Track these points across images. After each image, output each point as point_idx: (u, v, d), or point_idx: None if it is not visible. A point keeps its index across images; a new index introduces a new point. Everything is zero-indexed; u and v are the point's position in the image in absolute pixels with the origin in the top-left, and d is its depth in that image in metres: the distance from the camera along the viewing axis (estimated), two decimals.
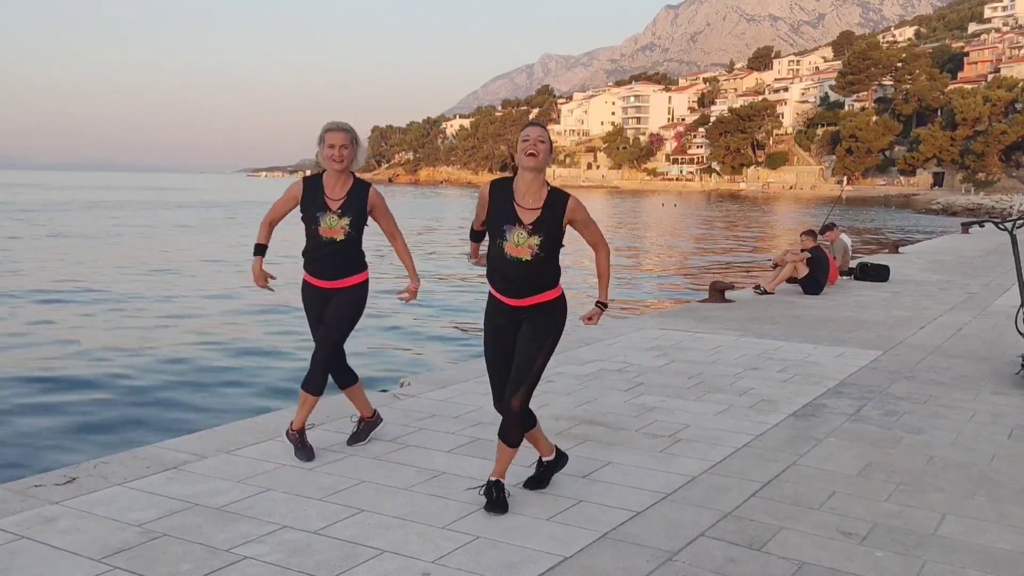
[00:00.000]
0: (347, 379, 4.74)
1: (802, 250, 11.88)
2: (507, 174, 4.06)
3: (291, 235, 5.17)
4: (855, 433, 5.19)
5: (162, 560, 3.31)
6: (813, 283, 11.79)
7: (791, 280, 11.90)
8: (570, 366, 6.94)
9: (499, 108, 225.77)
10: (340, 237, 4.41)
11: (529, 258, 3.75)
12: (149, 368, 9.54)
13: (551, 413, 5.51)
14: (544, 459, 4.16)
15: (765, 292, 11.61)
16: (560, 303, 3.92)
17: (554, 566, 3.31)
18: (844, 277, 13.36)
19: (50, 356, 10.20)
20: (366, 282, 4.62)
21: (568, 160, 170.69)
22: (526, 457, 4.62)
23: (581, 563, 3.35)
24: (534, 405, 5.66)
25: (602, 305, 3.97)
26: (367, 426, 4.84)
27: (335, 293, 4.52)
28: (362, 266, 4.59)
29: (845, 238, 14.08)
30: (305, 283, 4.57)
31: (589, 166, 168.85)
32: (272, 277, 4.56)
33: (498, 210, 3.81)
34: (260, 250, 4.58)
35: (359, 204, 4.46)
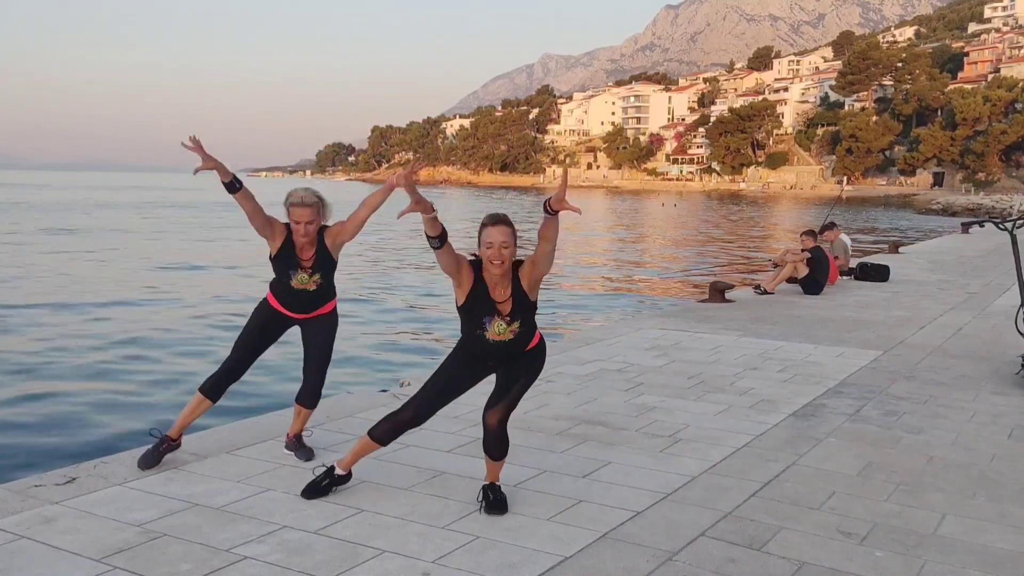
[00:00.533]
0: (313, 400, 4.67)
1: (802, 250, 11.89)
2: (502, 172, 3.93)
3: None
4: (855, 433, 5.19)
5: (162, 560, 3.31)
6: (813, 283, 11.79)
7: (791, 280, 11.90)
8: (570, 366, 6.94)
9: (499, 108, 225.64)
10: (312, 288, 4.47)
11: (513, 338, 3.76)
12: (149, 368, 9.54)
13: (551, 413, 5.51)
14: (337, 472, 4.04)
15: (765, 292, 11.61)
16: (542, 345, 3.93)
17: (554, 566, 3.32)
18: (844, 277, 13.36)
19: (50, 356, 10.20)
20: (336, 309, 4.67)
21: (568, 160, 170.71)
22: (524, 457, 4.63)
23: (581, 563, 3.35)
24: (534, 404, 5.68)
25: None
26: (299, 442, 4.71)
27: (306, 321, 4.58)
28: (333, 295, 4.61)
29: (845, 237, 14.08)
30: (268, 305, 4.56)
31: (589, 166, 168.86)
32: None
33: (475, 296, 3.71)
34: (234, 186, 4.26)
35: (327, 258, 4.48)
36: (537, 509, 3.89)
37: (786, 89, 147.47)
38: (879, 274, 13.43)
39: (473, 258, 3.72)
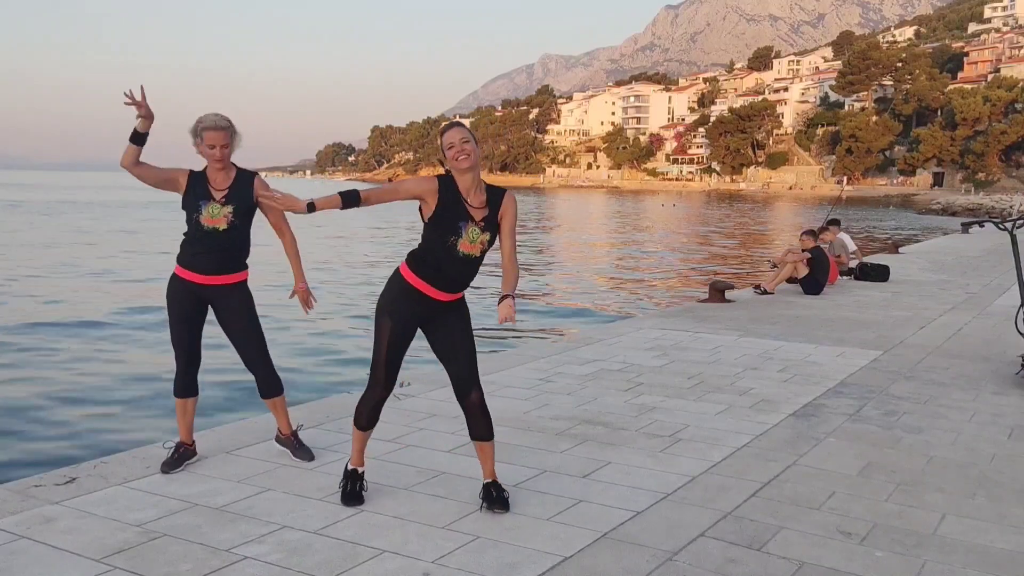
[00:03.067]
0: (274, 387, 4.52)
1: (802, 250, 11.89)
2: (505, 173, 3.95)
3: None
4: (855, 433, 5.19)
5: (162, 560, 3.31)
6: (813, 283, 11.79)
7: (791, 280, 11.90)
8: (570, 366, 6.94)
9: (499, 108, 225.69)
10: (223, 227, 4.17)
11: (478, 254, 3.75)
12: (149, 368, 9.54)
13: (551, 413, 5.51)
14: (360, 470, 4.02)
15: (765, 292, 11.61)
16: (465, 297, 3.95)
17: (554, 566, 3.31)
18: (844, 277, 13.36)
19: (50, 356, 10.20)
20: (246, 281, 4.38)
21: (568, 160, 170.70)
22: (524, 457, 4.62)
23: (581, 563, 3.35)
24: (534, 404, 5.68)
25: (509, 298, 3.66)
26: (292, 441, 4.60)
27: (215, 292, 4.28)
28: (245, 261, 4.35)
29: (844, 235, 14.06)
30: (176, 277, 4.27)
31: (589, 166, 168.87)
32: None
33: (447, 203, 3.71)
34: (139, 138, 4.13)
35: (245, 194, 4.22)
36: (537, 509, 3.88)
37: (786, 89, 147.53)
38: (879, 274, 13.42)
39: (444, 175, 3.76)
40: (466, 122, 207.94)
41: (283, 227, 4.40)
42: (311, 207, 3.58)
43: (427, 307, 3.81)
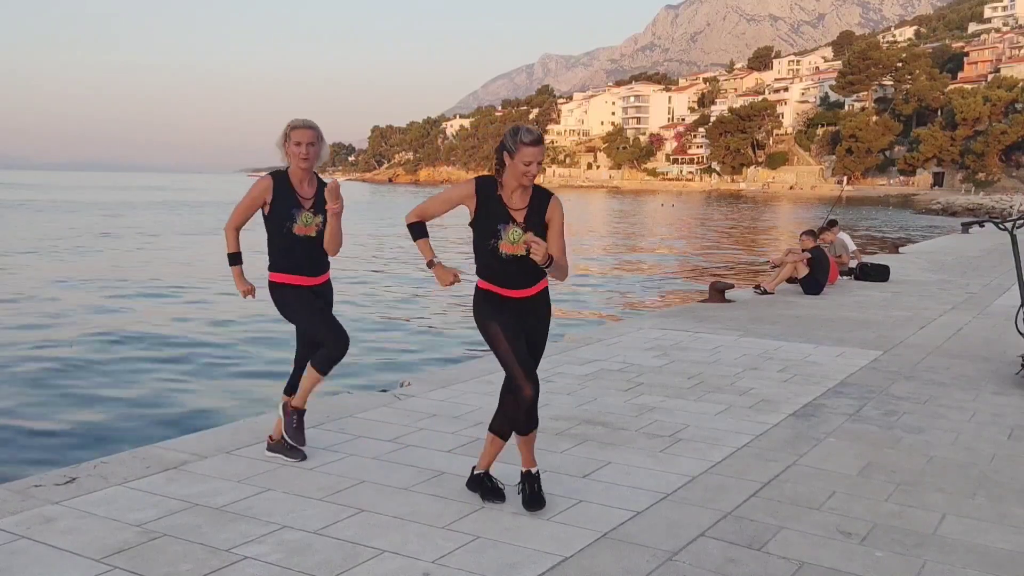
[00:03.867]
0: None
1: (802, 250, 11.89)
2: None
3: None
4: (855, 433, 5.19)
5: (162, 560, 3.31)
6: (813, 283, 11.79)
7: (791, 280, 11.90)
8: (570, 366, 6.94)
9: (499, 108, 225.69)
10: (314, 234, 4.36)
11: (524, 253, 3.74)
12: (149, 368, 9.54)
13: (551, 413, 5.51)
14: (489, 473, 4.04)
15: (765, 292, 11.61)
16: (548, 291, 3.96)
17: (554, 566, 3.31)
18: (844, 277, 13.36)
19: (50, 355, 10.20)
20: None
21: (568, 160, 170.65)
22: (520, 456, 4.62)
23: (581, 563, 3.35)
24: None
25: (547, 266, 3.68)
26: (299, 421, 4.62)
27: (321, 289, 4.48)
28: (329, 264, 4.58)
29: (844, 236, 14.06)
30: (281, 285, 4.40)
31: (589, 166, 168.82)
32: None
33: (488, 206, 3.76)
34: (237, 259, 4.47)
35: (325, 202, 4.36)
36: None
37: (786, 89, 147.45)
38: (879, 274, 13.42)
39: (483, 177, 3.81)
40: (466, 122, 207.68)
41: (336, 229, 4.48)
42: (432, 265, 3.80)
43: (510, 304, 3.85)
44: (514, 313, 3.84)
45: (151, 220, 41.70)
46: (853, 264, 13.74)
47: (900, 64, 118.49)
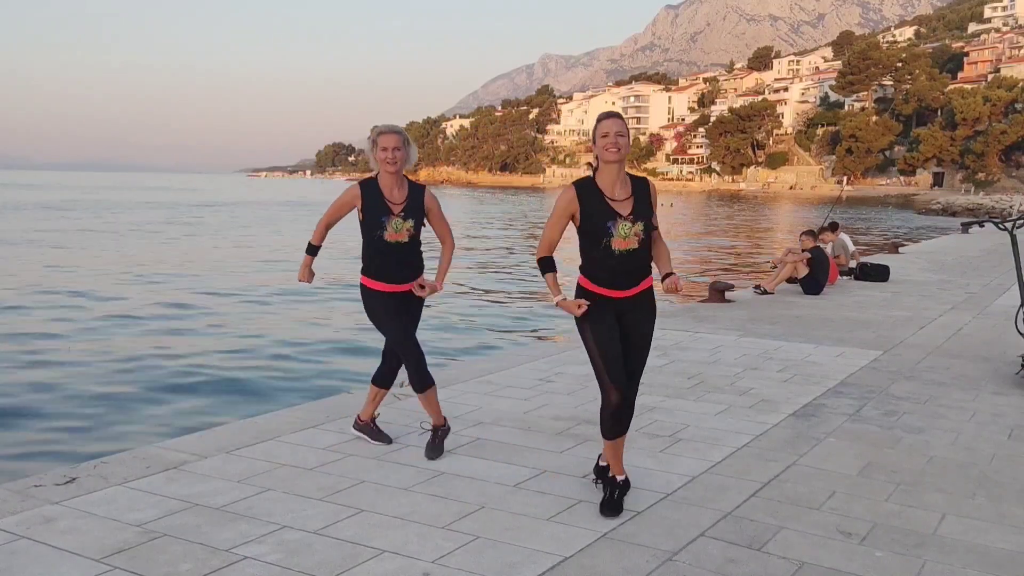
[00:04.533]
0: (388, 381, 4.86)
1: (802, 250, 11.89)
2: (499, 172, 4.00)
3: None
4: (855, 433, 5.19)
5: (162, 560, 3.31)
6: (813, 283, 11.79)
7: (791, 280, 11.90)
8: (570, 366, 6.95)
9: (499, 108, 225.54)
10: (405, 240, 4.45)
11: (637, 246, 3.80)
12: (149, 368, 9.54)
13: (551, 413, 5.51)
14: (619, 478, 4.03)
15: (765, 292, 11.61)
16: (652, 290, 4.02)
17: (554, 566, 3.31)
18: (844, 277, 13.35)
19: (50, 356, 10.20)
20: None
21: (568, 160, 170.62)
22: (524, 457, 4.62)
23: (581, 563, 3.35)
24: (534, 404, 5.68)
25: (673, 275, 3.91)
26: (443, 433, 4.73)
27: (409, 301, 4.58)
28: (423, 267, 4.65)
29: (844, 236, 14.06)
30: (375, 292, 4.52)
31: (589, 166, 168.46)
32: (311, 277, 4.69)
33: (593, 210, 3.79)
34: (313, 250, 4.66)
35: (418, 206, 4.50)
36: (537, 509, 3.88)
37: (786, 89, 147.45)
38: (879, 274, 13.42)
39: (580, 180, 3.88)
40: (466, 122, 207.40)
41: (447, 237, 4.69)
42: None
43: (613, 305, 3.88)
44: (616, 314, 3.88)
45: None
46: (853, 264, 13.74)
47: (900, 64, 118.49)
